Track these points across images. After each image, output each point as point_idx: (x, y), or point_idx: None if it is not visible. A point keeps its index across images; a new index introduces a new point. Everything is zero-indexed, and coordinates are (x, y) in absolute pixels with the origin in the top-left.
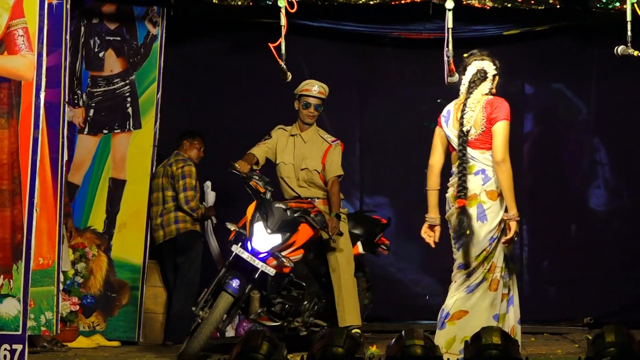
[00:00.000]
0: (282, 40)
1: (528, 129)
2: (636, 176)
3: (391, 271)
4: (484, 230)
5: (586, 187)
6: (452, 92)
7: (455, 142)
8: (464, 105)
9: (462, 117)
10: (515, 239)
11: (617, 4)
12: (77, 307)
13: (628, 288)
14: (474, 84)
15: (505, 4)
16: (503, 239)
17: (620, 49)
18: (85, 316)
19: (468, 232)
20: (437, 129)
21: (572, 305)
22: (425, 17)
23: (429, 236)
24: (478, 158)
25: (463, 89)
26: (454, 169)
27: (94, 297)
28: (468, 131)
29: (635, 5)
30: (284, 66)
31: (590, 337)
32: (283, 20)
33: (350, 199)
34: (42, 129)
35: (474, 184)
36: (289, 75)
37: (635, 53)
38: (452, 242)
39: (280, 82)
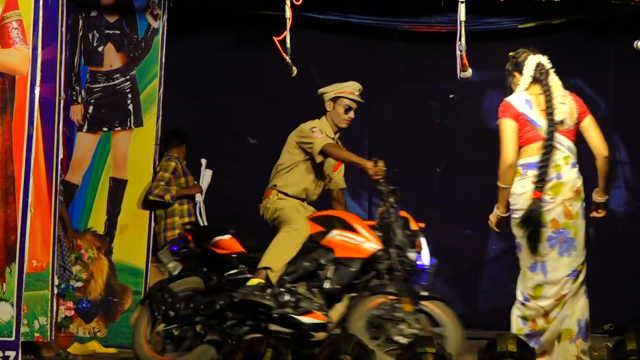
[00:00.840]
0: (287, 34)
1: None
2: None
3: None
4: (583, 228)
5: None
6: (464, 88)
7: (543, 131)
8: (549, 96)
9: (551, 108)
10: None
11: None
12: (72, 312)
13: None
14: (541, 77)
15: None
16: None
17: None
18: (85, 321)
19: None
20: (508, 122)
21: (592, 311)
22: (437, 10)
23: (498, 229)
24: (573, 150)
25: (525, 84)
26: (525, 160)
27: (90, 301)
28: (562, 121)
29: None
30: (289, 60)
31: (610, 345)
32: (288, 13)
33: (358, 199)
34: (36, 125)
35: (570, 175)
36: (294, 70)
37: None
38: (520, 241)
39: (285, 77)
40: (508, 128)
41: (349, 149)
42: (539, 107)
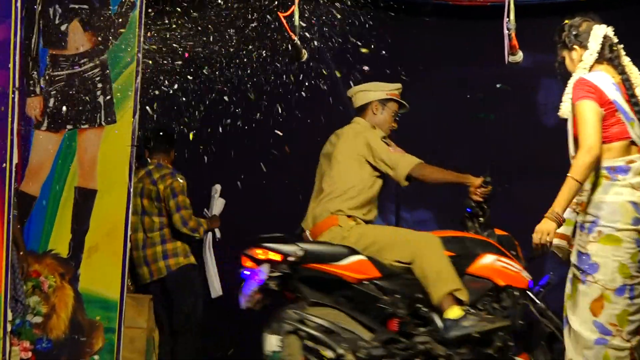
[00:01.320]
0: (295, 8)
1: None
2: None
3: None
4: None
5: None
6: (513, 75)
7: (636, 127)
8: (628, 82)
9: (636, 97)
10: None
11: None
12: (30, 353)
13: None
14: (611, 55)
15: None
16: None
17: None
18: None
19: None
20: (593, 106)
21: None
22: None
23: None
24: None
25: (591, 60)
26: (611, 162)
27: (51, 341)
28: None
29: None
30: (298, 42)
31: None
32: None
33: (384, 213)
34: None
35: None
36: (305, 54)
37: None
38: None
39: (289, 64)
40: (594, 111)
41: None
42: (624, 94)
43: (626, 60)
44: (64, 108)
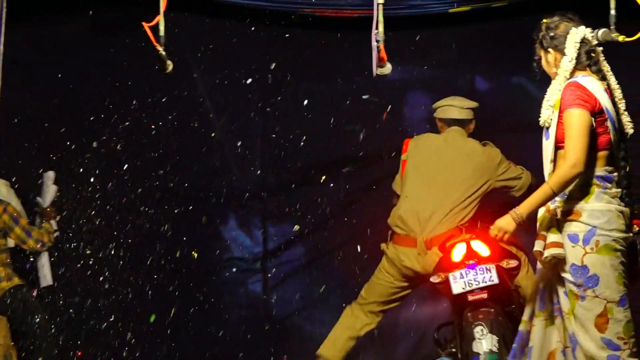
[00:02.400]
0: (160, 18)
1: None
2: None
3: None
4: None
5: None
6: (382, 88)
7: (614, 135)
8: (608, 85)
9: (616, 103)
10: None
11: None
12: None
13: None
14: (589, 60)
15: None
16: None
17: (601, 34)
18: None
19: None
20: (585, 116)
21: None
22: None
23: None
24: None
25: (570, 66)
26: (601, 172)
27: None
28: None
29: None
30: (163, 52)
31: None
32: None
33: (249, 228)
34: None
35: None
36: (170, 65)
37: (621, 38)
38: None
39: (159, 74)
40: (586, 122)
41: (240, 152)
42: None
43: (607, 68)
44: None
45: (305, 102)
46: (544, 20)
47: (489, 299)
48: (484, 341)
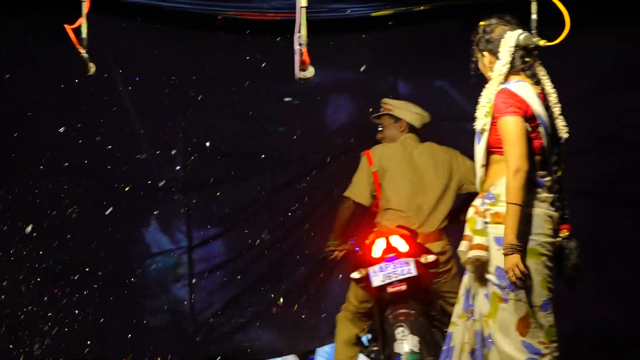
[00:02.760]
0: (83, 21)
1: None
2: None
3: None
4: None
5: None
6: (304, 90)
7: (547, 140)
8: (542, 89)
9: (550, 107)
10: None
11: None
12: None
13: None
14: (523, 65)
15: None
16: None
17: (522, 37)
18: None
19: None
20: (520, 122)
21: None
22: None
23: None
24: None
25: (504, 70)
26: (531, 177)
27: None
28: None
29: None
30: (86, 55)
31: None
32: None
33: (171, 232)
34: None
35: None
36: (92, 67)
37: (542, 42)
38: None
39: (82, 76)
40: (521, 129)
41: (160, 155)
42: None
43: (542, 72)
44: None
45: (227, 102)
46: (481, 23)
47: (408, 291)
48: (405, 342)
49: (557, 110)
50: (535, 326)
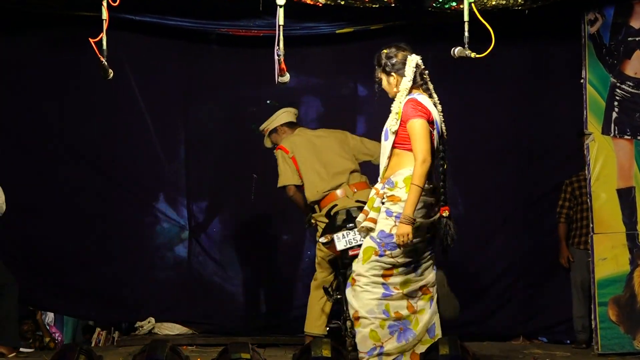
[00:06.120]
0: (103, 35)
1: (360, 132)
2: (471, 185)
3: (216, 281)
4: None
5: None
6: (282, 93)
7: (438, 140)
8: (435, 105)
9: (439, 120)
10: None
11: (454, 4)
12: None
13: (462, 298)
14: (422, 81)
15: (339, 1)
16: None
17: (457, 50)
18: None
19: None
20: (425, 123)
21: None
22: (255, 13)
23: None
24: None
25: (408, 86)
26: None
27: None
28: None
29: (473, 5)
30: (105, 63)
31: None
32: (105, 14)
33: (176, 206)
34: None
35: None
36: (111, 73)
37: (473, 55)
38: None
39: (102, 80)
40: (426, 128)
41: (165, 154)
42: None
43: (432, 87)
44: None
45: (219, 102)
46: (384, 51)
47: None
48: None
49: (441, 116)
50: (396, 277)
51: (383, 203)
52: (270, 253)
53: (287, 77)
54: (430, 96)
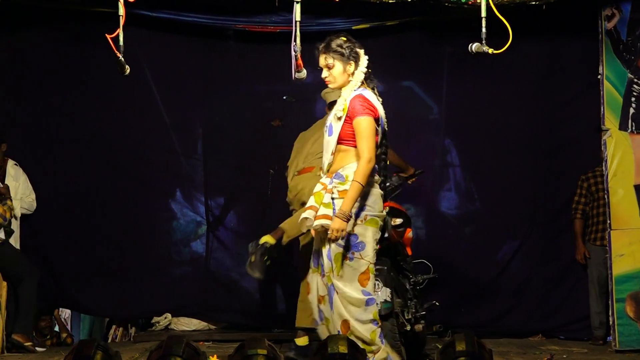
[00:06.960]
0: (120, 31)
1: None
2: (487, 180)
3: (233, 277)
4: None
5: (437, 189)
6: (299, 89)
7: (381, 136)
8: (378, 97)
9: (382, 116)
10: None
11: (471, 0)
12: None
13: (478, 295)
14: (370, 78)
15: None
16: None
17: (474, 46)
18: None
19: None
20: (372, 121)
21: None
22: (271, 9)
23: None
24: None
25: (361, 78)
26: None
27: None
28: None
29: (490, 0)
30: (122, 58)
31: (440, 346)
32: (121, 10)
33: (193, 202)
34: None
35: None
36: (127, 69)
37: (490, 50)
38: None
39: (119, 76)
40: (373, 127)
41: (182, 149)
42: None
43: (375, 81)
44: None
45: (237, 99)
46: (342, 38)
47: (380, 248)
48: (380, 293)
49: (384, 113)
50: (372, 279)
51: (333, 199)
52: (287, 249)
53: (303, 73)
54: (373, 90)
